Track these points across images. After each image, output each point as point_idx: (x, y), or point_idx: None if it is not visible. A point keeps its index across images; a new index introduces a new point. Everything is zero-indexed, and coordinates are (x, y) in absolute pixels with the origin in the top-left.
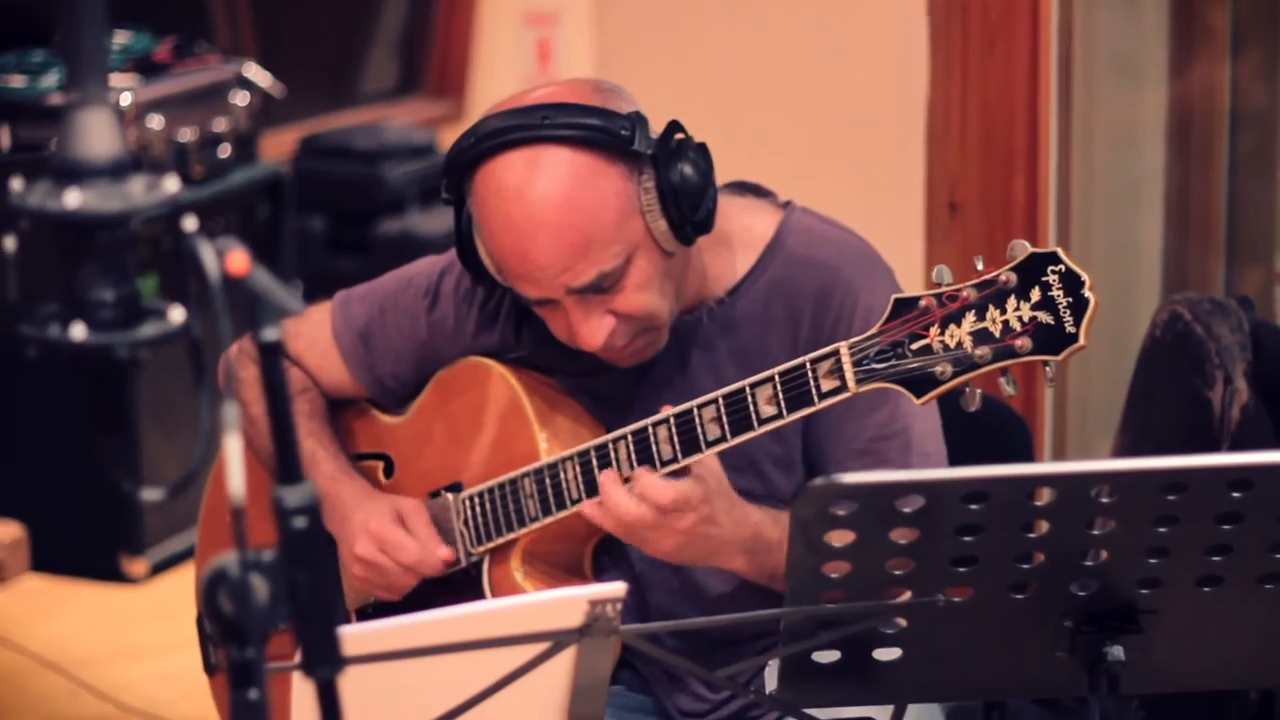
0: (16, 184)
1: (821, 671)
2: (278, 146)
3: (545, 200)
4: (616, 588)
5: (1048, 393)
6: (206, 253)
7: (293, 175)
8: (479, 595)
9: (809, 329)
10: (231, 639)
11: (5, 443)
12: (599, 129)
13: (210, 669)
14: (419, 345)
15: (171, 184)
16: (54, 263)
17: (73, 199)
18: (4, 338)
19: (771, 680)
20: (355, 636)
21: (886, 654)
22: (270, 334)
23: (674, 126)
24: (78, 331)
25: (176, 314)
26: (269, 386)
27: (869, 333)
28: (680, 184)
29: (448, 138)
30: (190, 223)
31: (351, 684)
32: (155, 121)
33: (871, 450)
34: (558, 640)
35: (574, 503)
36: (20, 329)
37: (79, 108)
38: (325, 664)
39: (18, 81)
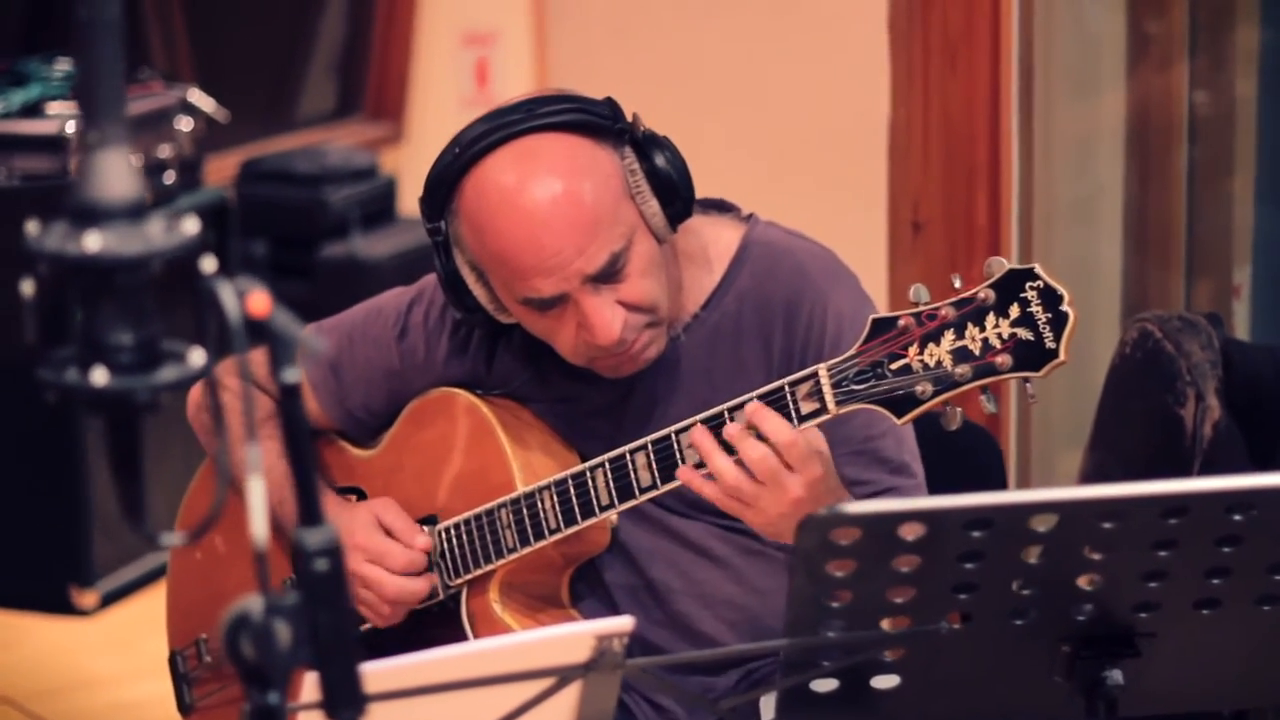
0: (32, 226)
1: (819, 700)
2: (219, 171)
3: (550, 186)
4: (623, 622)
5: (1012, 409)
6: (227, 294)
7: (234, 200)
8: (458, 627)
9: (781, 339)
10: (253, 683)
11: None
12: (583, 111)
13: (185, 708)
14: (389, 375)
15: (190, 225)
16: (71, 306)
17: (92, 242)
18: None
19: (768, 710)
20: (366, 675)
21: (885, 682)
22: (290, 376)
23: (635, 117)
24: (99, 376)
25: (196, 357)
26: (289, 428)
27: (848, 354)
28: (663, 166)
29: (389, 160)
30: (209, 263)
31: None
32: None
33: (867, 450)
34: (563, 676)
35: (553, 532)
36: (39, 373)
37: (97, 149)
38: (348, 706)
39: None
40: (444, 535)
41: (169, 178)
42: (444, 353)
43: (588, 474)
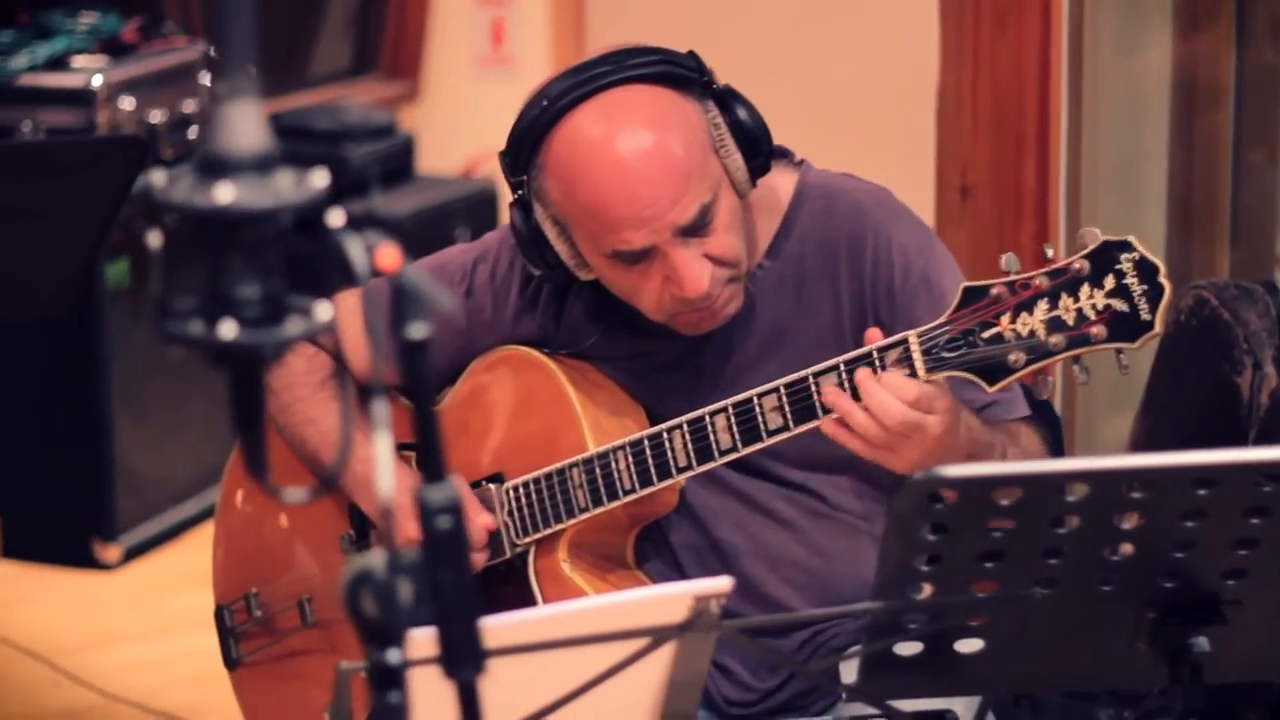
0: (159, 177)
1: (903, 663)
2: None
3: (642, 137)
4: (722, 583)
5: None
6: (355, 248)
7: None
8: (525, 587)
9: (848, 278)
10: (373, 641)
11: None
12: (669, 63)
13: (231, 663)
14: (454, 334)
15: (319, 179)
16: (196, 258)
17: (223, 194)
18: None
19: (848, 673)
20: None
21: (968, 646)
22: (417, 331)
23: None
24: (226, 330)
25: (322, 310)
26: (416, 386)
27: (938, 321)
28: (746, 119)
29: (405, 118)
30: (336, 217)
31: (443, 682)
32: (126, 103)
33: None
34: (658, 636)
35: (626, 492)
36: (164, 326)
37: (227, 100)
38: (467, 665)
39: None
40: (512, 494)
41: (193, 132)
42: (512, 311)
43: (664, 435)
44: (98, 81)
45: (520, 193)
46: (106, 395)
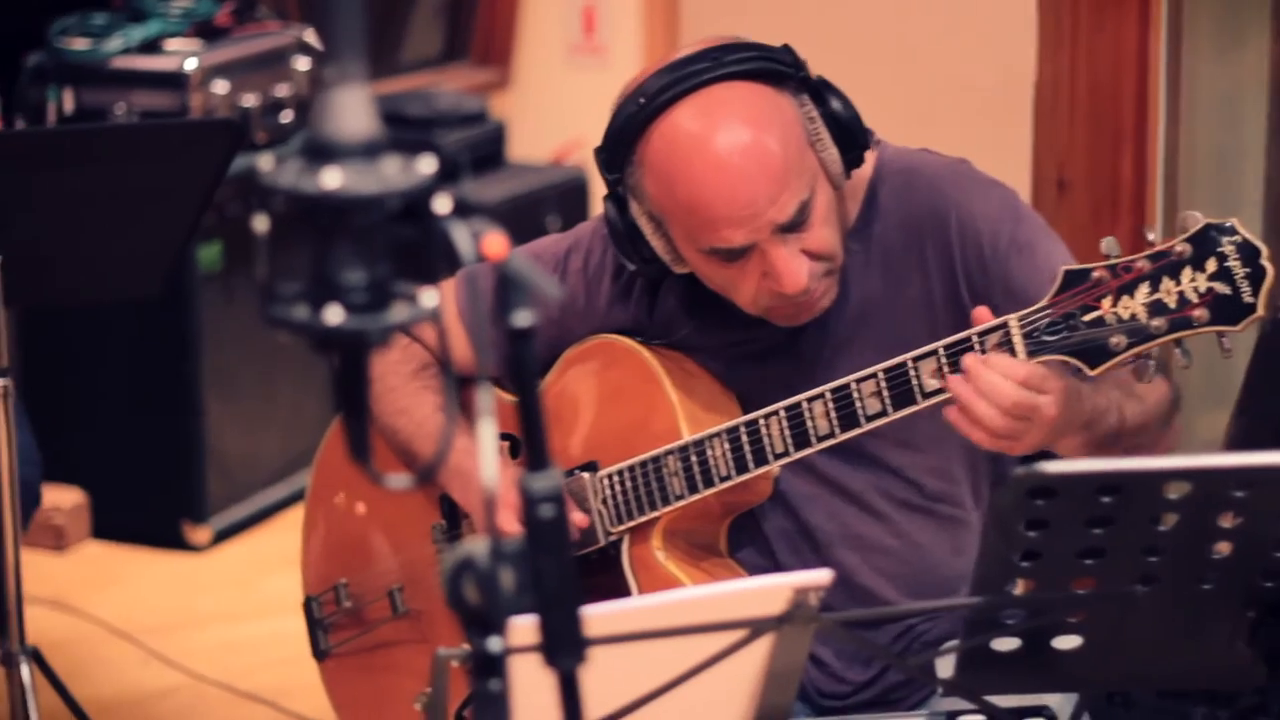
0: (267, 162)
1: (1000, 659)
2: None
3: (741, 135)
4: (821, 576)
5: None
6: (461, 235)
7: None
8: (619, 575)
9: (935, 251)
10: (474, 628)
11: (68, 409)
12: (766, 59)
13: (320, 654)
14: (547, 323)
15: (426, 165)
16: (302, 243)
17: (330, 179)
18: (53, 306)
19: (944, 667)
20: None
21: (1066, 642)
22: (522, 319)
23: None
24: (332, 315)
25: (428, 297)
26: (520, 374)
27: (1038, 305)
28: (840, 112)
29: (496, 105)
30: (443, 204)
31: (544, 670)
32: (219, 87)
33: None
34: (756, 628)
35: (723, 480)
36: (270, 310)
37: (335, 85)
38: (568, 653)
39: (80, 45)
40: (606, 482)
41: (286, 117)
42: (605, 300)
43: (761, 421)
44: (191, 65)
45: (616, 188)
46: (198, 378)
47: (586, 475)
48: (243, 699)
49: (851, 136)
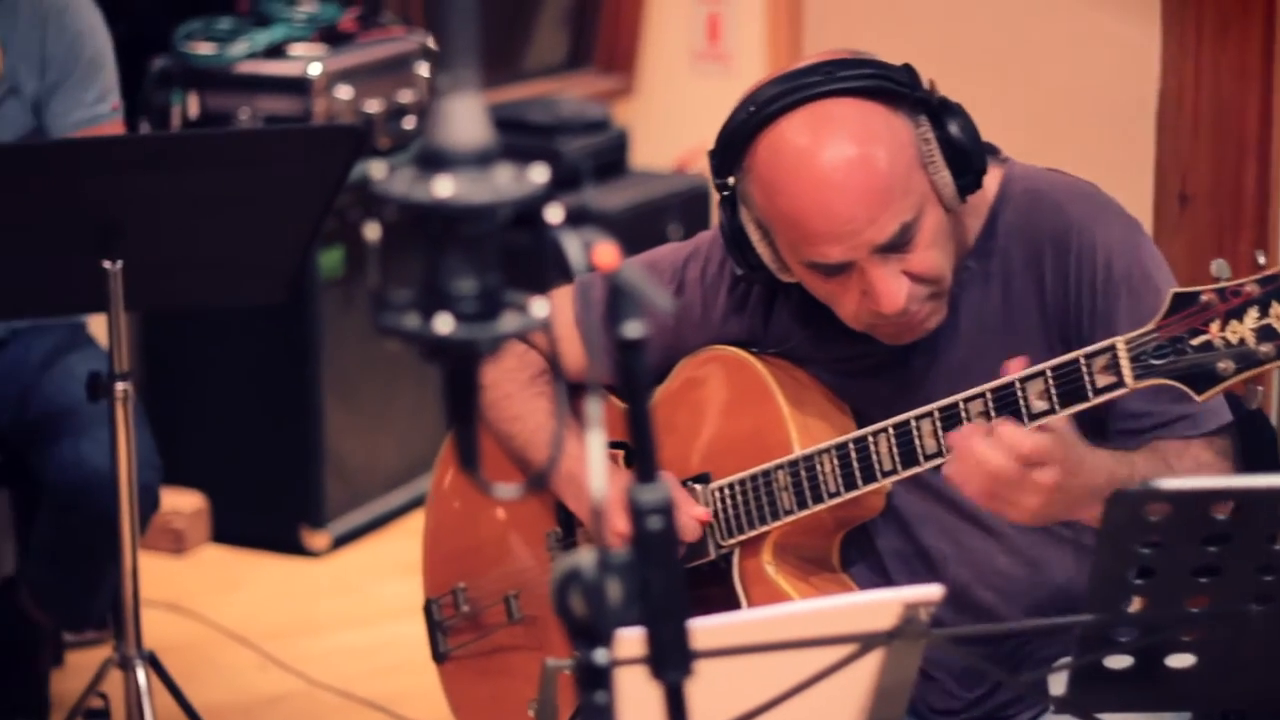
0: (379, 169)
1: (1112, 677)
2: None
3: (845, 152)
4: (932, 591)
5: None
6: (572, 245)
7: None
8: (729, 588)
9: (1052, 274)
10: (581, 640)
11: (189, 413)
12: (881, 77)
13: (439, 657)
14: (663, 332)
15: (538, 174)
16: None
17: (442, 188)
18: (174, 310)
19: (1056, 685)
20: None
21: (1180, 661)
22: (633, 330)
23: (932, 84)
24: (442, 324)
25: (538, 307)
26: (630, 385)
27: (1146, 328)
28: (958, 135)
29: (619, 113)
30: (554, 213)
31: (650, 683)
32: (343, 92)
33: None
34: (866, 642)
35: (831, 496)
36: (380, 319)
37: (448, 94)
38: (675, 667)
39: (205, 49)
40: (718, 495)
41: (409, 123)
42: (721, 310)
43: (870, 438)
44: (315, 70)
45: (726, 193)
46: (318, 383)
47: (699, 487)
48: (357, 705)
49: (967, 160)
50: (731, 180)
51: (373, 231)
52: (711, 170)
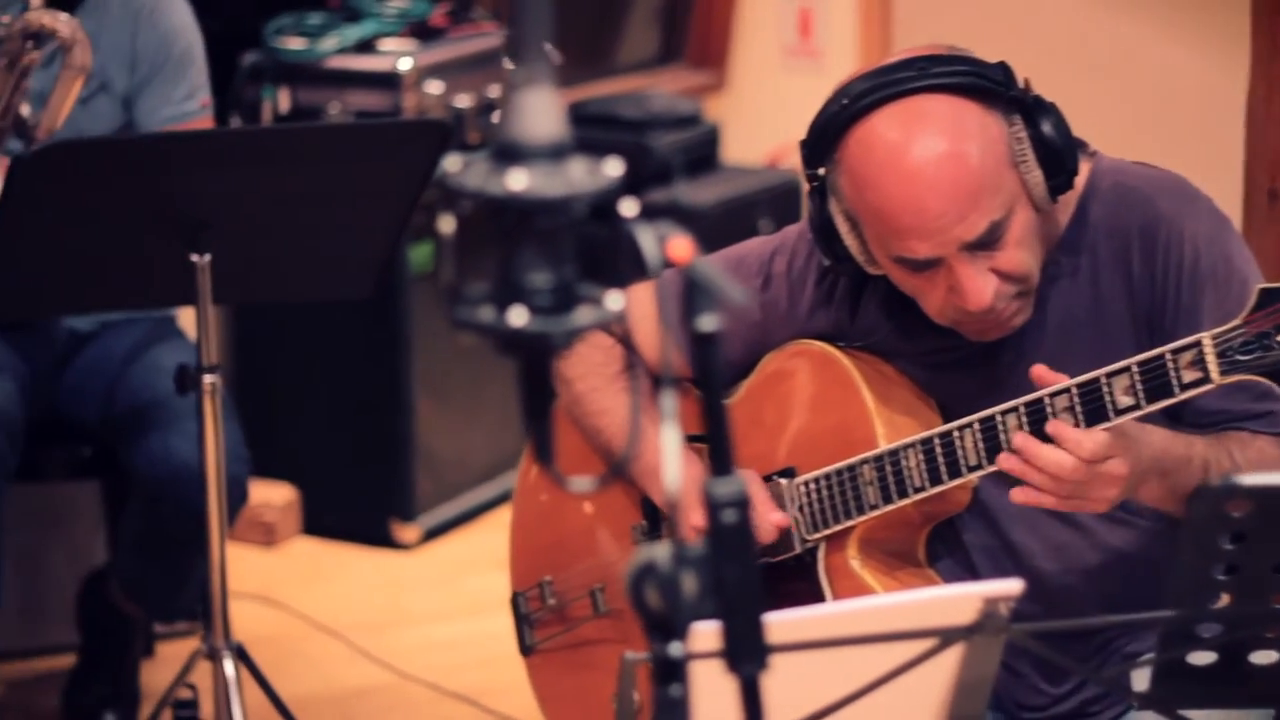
0: (454, 163)
1: (1196, 673)
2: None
3: (936, 148)
4: (1012, 586)
5: None
6: (646, 238)
7: None
8: (814, 583)
9: (1140, 268)
10: (657, 633)
11: (280, 406)
12: (975, 75)
13: (525, 649)
14: (749, 326)
15: (613, 168)
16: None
17: (516, 181)
18: (262, 304)
19: (1139, 680)
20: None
21: (1264, 657)
22: (707, 324)
23: (1027, 82)
24: (516, 317)
25: (612, 300)
26: (705, 378)
27: (1233, 323)
28: (1051, 135)
29: (710, 108)
30: (629, 207)
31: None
32: (434, 87)
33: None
34: (946, 637)
35: (917, 490)
36: (455, 312)
37: (522, 87)
38: (750, 660)
39: (296, 44)
40: (803, 489)
41: (497, 117)
42: (808, 304)
43: (955, 433)
44: (405, 65)
45: (816, 184)
46: (408, 377)
47: (784, 482)
48: (446, 697)
49: (1060, 160)
50: (822, 171)
51: (447, 225)
52: (802, 161)
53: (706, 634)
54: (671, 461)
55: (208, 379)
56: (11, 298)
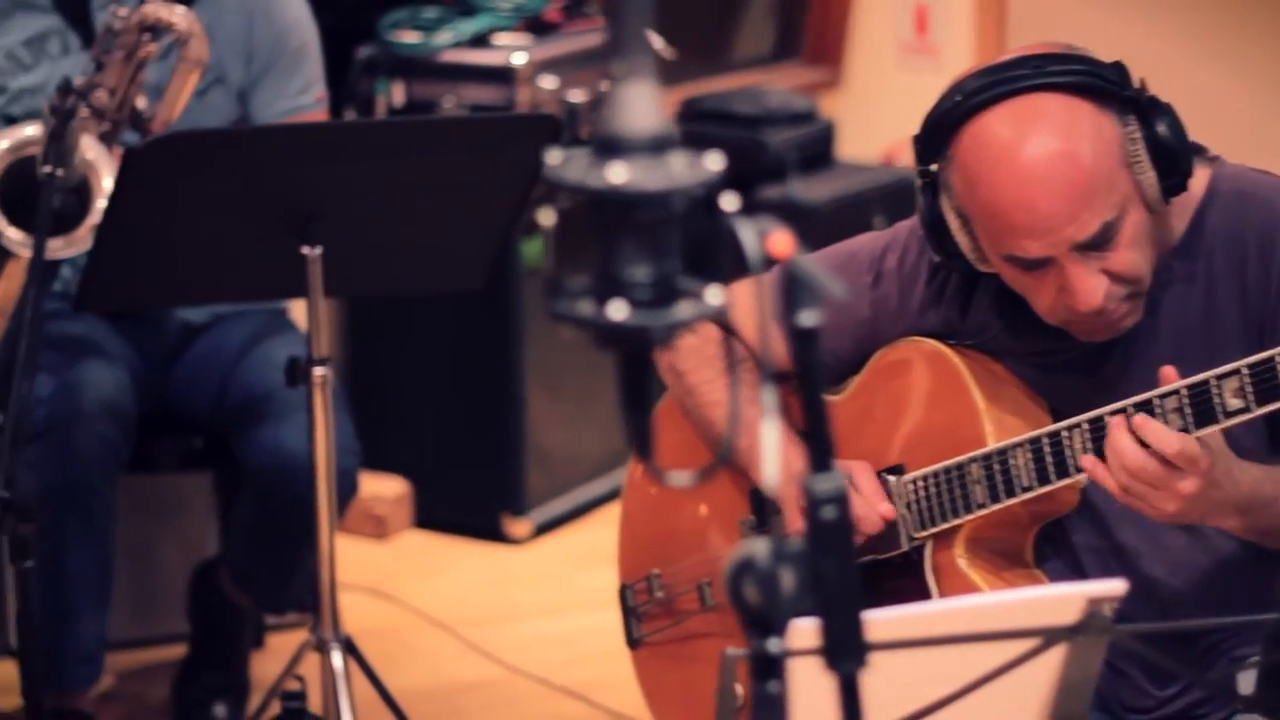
0: (555, 156)
1: None
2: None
3: (1049, 147)
4: (1115, 586)
5: None
6: (747, 232)
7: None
8: (920, 581)
9: (1256, 276)
10: (754, 628)
11: (394, 400)
12: (1090, 74)
13: (633, 642)
14: (860, 323)
15: (714, 162)
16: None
17: (616, 174)
18: (373, 296)
19: (1245, 684)
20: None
21: None
22: (807, 319)
23: (1143, 83)
24: (616, 311)
25: (712, 295)
26: (805, 374)
27: None
28: (1166, 136)
29: (827, 105)
30: (730, 201)
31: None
32: (548, 82)
33: None
34: (1049, 637)
35: (1024, 490)
36: (553, 305)
37: (623, 80)
38: (849, 658)
39: (410, 38)
40: (911, 486)
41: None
42: (918, 301)
43: (1063, 433)
44: (520, 59)
45: (928, 180)
46: (520, 371)
47: (892, 479)
48: (556, 692)
49: (1174, 161)
50: (934, 167)
51: (547, 218)
52: (915, 157)
53: (806, 631)
54: (771, 456)
55: (318, 371)
56: (124, 289)
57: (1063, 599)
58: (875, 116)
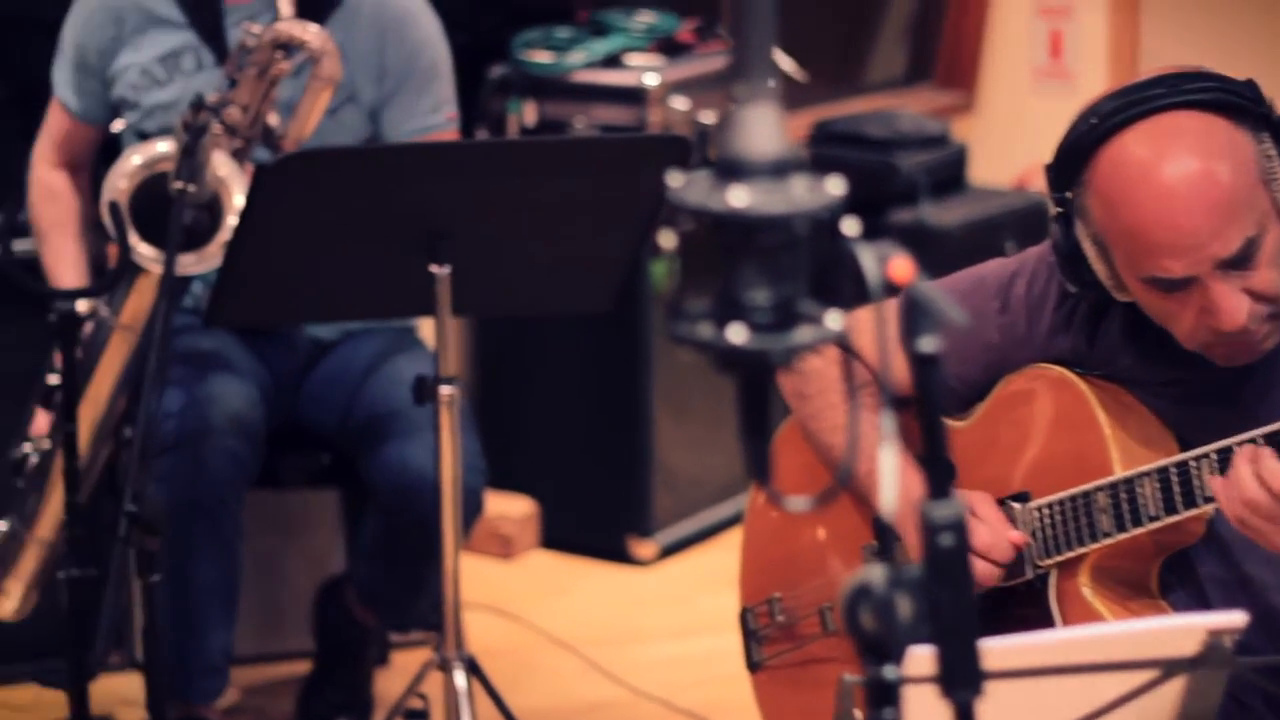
0: (676, 179)
1: None
2: (791, 131)
3: (1189, 165)
4: (1236, 618)
5: None
6: (868, 257)
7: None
8: (1044, 609)
9: None
10: (871, 655)
11: (522, 420)
12: (1225, 91)
13: (753, 665)
14: (987, 349)
15: (835, 186)
16: (706, 261)
17: (737, 198)
18: (501, 316)
19: None
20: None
21: None
22: (927, 345)
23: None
24: (735, 334)
25: (832, 319)
26: (925, 400)
27: None
28: None
29: (959, 128)
30: (851, 225)
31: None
32: (679, 103)
33: None
34: (1170, 668)
35: (1151, 519)
36: (674, 328)
37: (745, 103)
38: (965, 686)
39: (543, 58)
40: (1036, 514)
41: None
42: (1046, 328)
43: (1191, 463)
44: (651, 80)
45: (1062, 208)
46: (648, 393)
47: (1018, 506)
48: (677, 714)
49: None
50: (1069, 195)
51: (668, 240)
52: (1049, 184)
53: (922, 658)
54: (889, 482)
55: (445, 390)
56: (253, 305)
57: (1183, 630)
58: (1008, 140)
